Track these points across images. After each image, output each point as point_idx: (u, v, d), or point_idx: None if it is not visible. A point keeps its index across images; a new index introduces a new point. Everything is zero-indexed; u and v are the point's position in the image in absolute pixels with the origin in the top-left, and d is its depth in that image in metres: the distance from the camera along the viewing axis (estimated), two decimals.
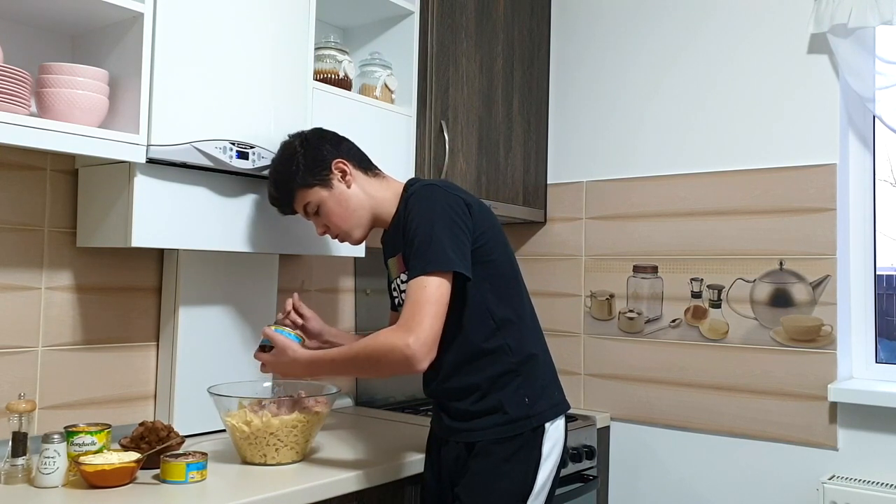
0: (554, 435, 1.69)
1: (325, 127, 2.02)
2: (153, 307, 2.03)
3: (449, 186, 1.71)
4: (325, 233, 1.82)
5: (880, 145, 2.49)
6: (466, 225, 1.64)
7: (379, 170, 1.84)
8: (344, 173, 1.76)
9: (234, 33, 1.82)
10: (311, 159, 1.75)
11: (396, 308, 1.77)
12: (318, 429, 1.82)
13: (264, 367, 1.77)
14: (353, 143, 1.84)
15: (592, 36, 2.89)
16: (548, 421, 1.67)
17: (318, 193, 1.75)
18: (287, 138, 1.83)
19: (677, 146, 2.68)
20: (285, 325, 1.80)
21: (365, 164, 1.81)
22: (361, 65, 2.30)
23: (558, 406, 1.72)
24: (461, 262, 1.59)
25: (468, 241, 1.63)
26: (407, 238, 1.64)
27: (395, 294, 1.78)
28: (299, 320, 1.88)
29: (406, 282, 1.65)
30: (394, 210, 1.76)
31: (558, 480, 1.74)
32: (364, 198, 1.77)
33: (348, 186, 1.76)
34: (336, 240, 1.83)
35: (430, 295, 1.54)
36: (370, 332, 1.63)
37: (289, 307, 1.87)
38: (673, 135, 2.69)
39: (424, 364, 1.54)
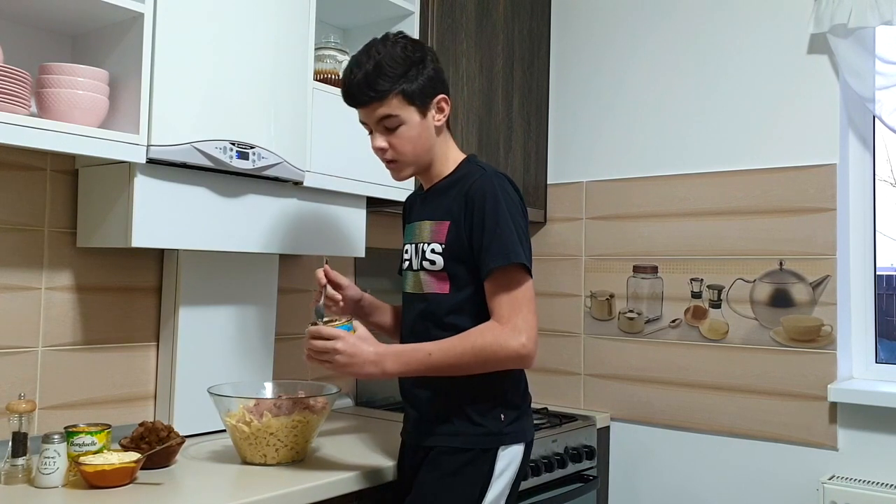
0: (511, 457, 1.64)
1: (325, 127, 2.03)
2: (153, 307, 2.03)
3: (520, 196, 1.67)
4: (382, 150, 1.65)
5: (880, 145, 2.49)
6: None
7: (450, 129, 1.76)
8: (442, 111, 1.66)
9: (234, 33, 1.82)
10: (430, 79, 1.62)
11: (401, 272, 1.73)
12: (318, 429, 1.82)
13: (326, 363, 1.53)
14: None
15: (592, 36, 2.89)
16: (514, 443, 1.64)
17: (410, 114, 1.61)
18: (403, 38, 1.63)
19: (677, 146, 2.68)
20: (334, 315, 1.61)
21: (449, 116, 1.71)
22: None
23: (527, 433, 1.68)
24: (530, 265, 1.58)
25: None
26: (474, 210, 1.58)
27: (408, 256, 1.70)
28: (338, 295, 1.79)
29: (441, 253, 1.62)
30: (446, 172, 1.70)
31: None
32: (436, 145, 1.68)
33: (436, 125, 1.66)
34: (385, 165, 1.69)
35: (527, 291, 1.56)
36: None
37: (323, 280, 1.75)
38: (673, 135, 2.69)
39: (534, 361, 1.57)
